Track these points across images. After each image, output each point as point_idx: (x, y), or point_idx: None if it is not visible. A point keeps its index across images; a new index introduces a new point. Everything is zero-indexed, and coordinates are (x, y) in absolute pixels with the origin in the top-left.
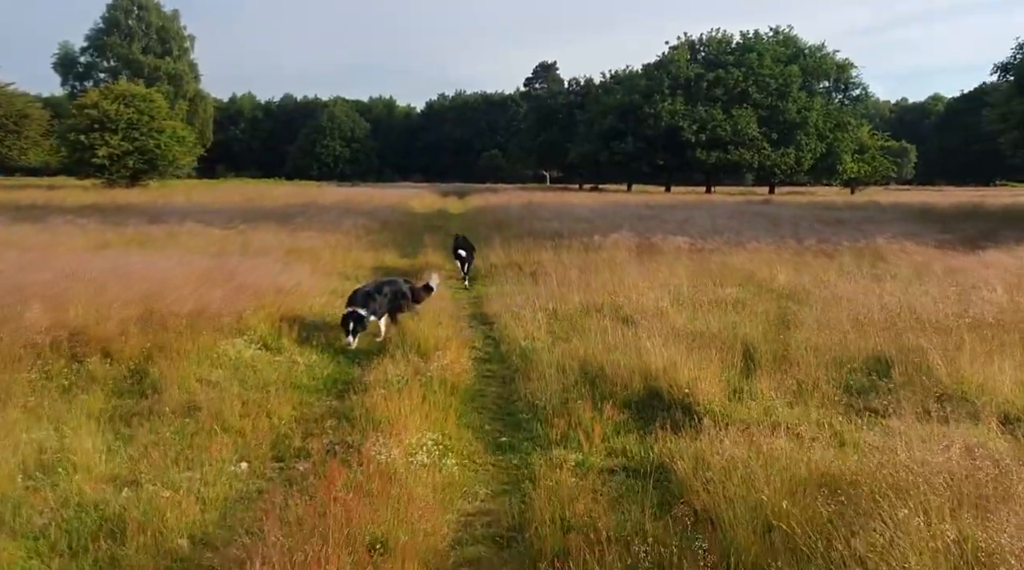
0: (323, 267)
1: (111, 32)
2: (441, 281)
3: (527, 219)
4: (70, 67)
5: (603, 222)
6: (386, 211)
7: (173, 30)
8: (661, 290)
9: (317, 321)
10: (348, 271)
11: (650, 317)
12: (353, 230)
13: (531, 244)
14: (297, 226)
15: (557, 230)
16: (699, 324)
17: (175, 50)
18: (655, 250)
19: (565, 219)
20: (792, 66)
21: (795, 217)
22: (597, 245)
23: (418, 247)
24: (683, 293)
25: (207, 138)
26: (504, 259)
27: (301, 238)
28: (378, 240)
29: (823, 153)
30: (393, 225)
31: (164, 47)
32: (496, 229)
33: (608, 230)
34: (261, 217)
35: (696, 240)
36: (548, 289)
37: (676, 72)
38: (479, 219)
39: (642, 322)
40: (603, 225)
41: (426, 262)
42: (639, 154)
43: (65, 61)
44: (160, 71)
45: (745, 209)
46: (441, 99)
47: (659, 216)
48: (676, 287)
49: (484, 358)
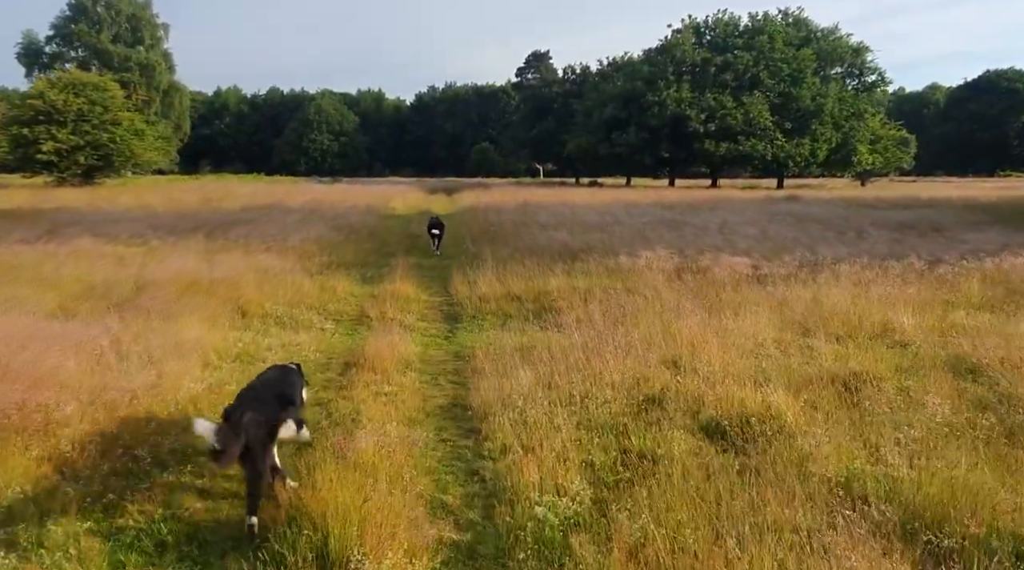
0: (235, 308)
1: (78, 20)
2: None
3: (525, 226)
4: (35, 57)
5: (621, 230)
6: (359, 214)
7: (145, 18)
8: (746, 359)
9: (178, 420)
10: (276, 311)
11: (764, 434)
12: (306, 244)
13: (533, 265)
14: (230, 240)
15: (565, 244)
16: (865, 466)
17: (147, 39)
18: (706, 277)
19: (572, 226)
20: (805, 50)
21: (845, 219)
22: (625, 269)
23: (387, 266)
24: (786, 367)
25: (184, 132)
26: (498, 289)
27: (227, 259)
28: (335, 258)
29: (838, 143)
30: (362, 234)
31: (135, 36)
32: (487, 240)
33: (633, 244)
34: (198, 226)
35: (755, 259)
36: (566, 349)
37: (681, 57)
38: (467, 225)
39: (753, 450)
40: (622, 234)
41: (393, 291)
42: (642, 146)
43: (29, 51)
44: (131, 61)
45: (778, 209)
46: (431, 92)
47: (686, 220)
48: (761, 344)
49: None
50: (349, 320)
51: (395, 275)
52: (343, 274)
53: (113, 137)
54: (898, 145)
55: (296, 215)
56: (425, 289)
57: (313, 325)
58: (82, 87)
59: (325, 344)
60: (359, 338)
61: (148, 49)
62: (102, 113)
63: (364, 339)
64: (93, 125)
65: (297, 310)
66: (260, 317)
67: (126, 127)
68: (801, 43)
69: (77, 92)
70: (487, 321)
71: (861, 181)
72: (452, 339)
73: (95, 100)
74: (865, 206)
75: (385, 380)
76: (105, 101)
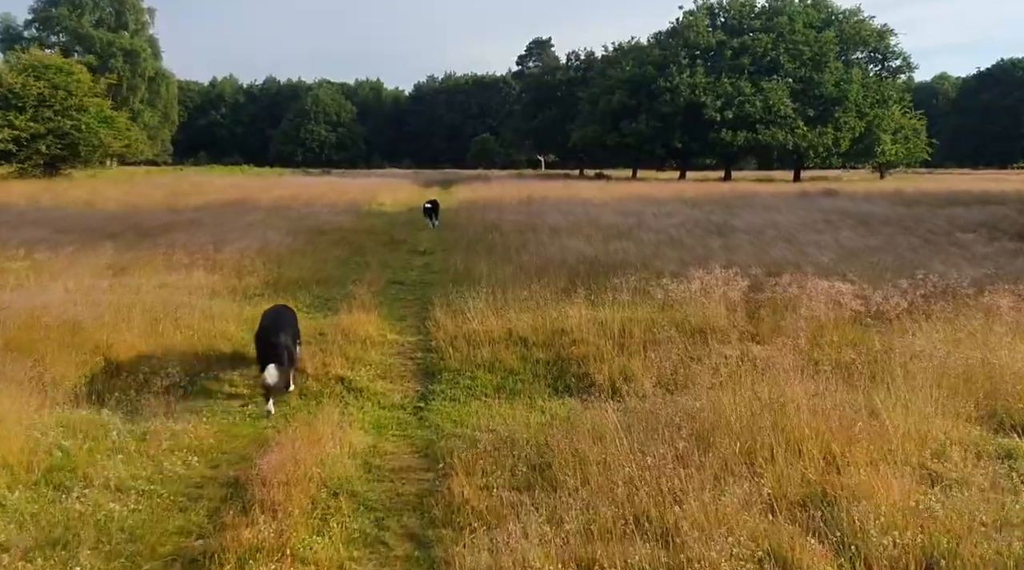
0: (97, 364)
1: (59, 3)
2: None
3: (531, 230)
4: (12, 43)
5: (650, 237)
6: (335, 213)
7: (130, 2)
8: (926, 492)
9: None
10: (161, 367)
11: None
12: (251, 254)
13: (543, 288)
14: (156, 249)
15: (583, 256)
16: None
17: (132, 24)
18: (794, 311)
19: (589, 230)
20: (827, 32)
21: (917, 220)
22: (674, 297)
23: (353, 284)
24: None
25: (173, 121)
26: (496, 324)
27: (130, 281)
28: (286, 274)
29: (862, 133)
30: (332, 238)
31: (119, 20)
32: (484, 250)
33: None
34: (127, 229)
35: (854, 283)
36: (607, 463)
37: (694, 40)
38: (460, 228)
39: None
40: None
41: (349, 327)
42: (653, 135)
43: (7, 36)
44: (114, 47)
45: (823, 206)
46: (430, 81)
47: (727, 222)
48: (940, 455)
49: None
50: None
51: (360, 299)
52: (288, 299)
53: (78, 124)
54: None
55: (258, 214)
56: (395, 322)
57: (212, 395)
58: (44, 70)
59: (210, 441)
60: (272, 423)
61: (133, 34)
62: (66, 98)
63: (278, 426)
64: (55, 111)
65: (195, 364)
66: (130, 376)
67: (93, 114)
68: (822, 25)
69: (38, 75)
70: (478, 381)
71: (880, 173)
72: (422, 419)
73: (58, 84)
74: (916, 202)
75: (279, 547)
76: (69, 85)
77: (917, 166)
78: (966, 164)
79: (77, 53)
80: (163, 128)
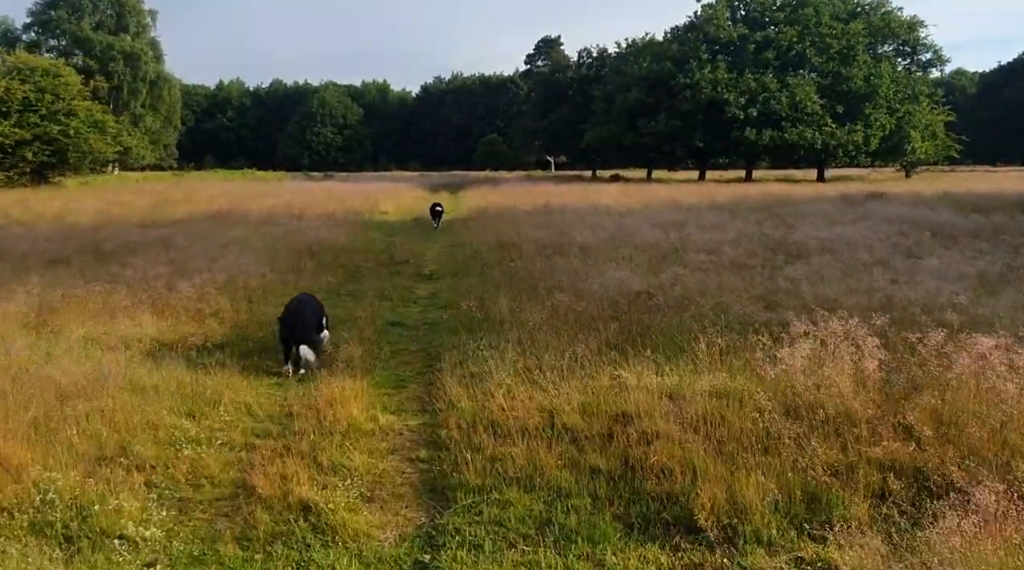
0: None
1: (57, 5)
2: None
3: (558, 251)
4: (10, 46)
5: (708, 261)
6: (330, 226)
7: (130, 4)
8: None
9: None
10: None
11: None
12: (215, 287)
13: (586, 338)
14: (99, 280)
15: (630, 288)
16: None
17: (133, 27)
18: (966, 391)
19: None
20: (854, 23)
21: (999, 230)
22: (774, 364)
23: (339, 330)
24: None
25: (175, 126)
26: (528, 402)
27: (28, 345)
28: (254, 315)
29: (892, 130)
30: (322, 260)
31: (120, 23)
32: (504, 279)
33: (750, 293)
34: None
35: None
36: None
37: (715, 33)
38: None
39: None
40: (715, 270)
41: (325, 405)
42: (673, 134)
43: (4, 39)
44: (114, 50)
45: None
46: (437, 82)
47: (790, 239)
48: None
49: None
50: (199, 508)
51: (348, 351)
52: (255, 354)
53: (66, 129)
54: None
55: (241, 229)
56: (391, 390)
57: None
58: (29, 72)
59: None
60: None
61: (134, 37)
62: (53, 102)
63: None
64: (42, 116)
65: (96, 483)
66: None
67: (83, 118)
68: (848, 17)
69: (23, 78)
70: (510, 511)
71: (905, 172)
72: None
73: (44, 87)
74: (980, 207)
75: None
76: (57, 88)
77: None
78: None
79: (76, 56)
80: (166, 132)
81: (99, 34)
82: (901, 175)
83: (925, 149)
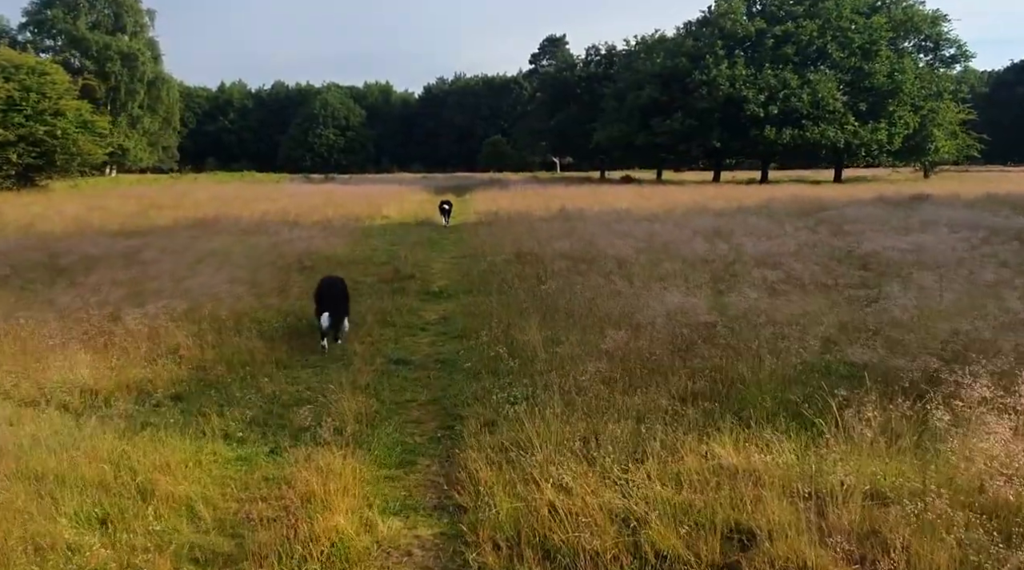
0: None
1: (53, 4)
2: None
3: (589, 265)
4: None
5: (776, 278)
6: (326, 235)
7: (128, 3)
8: None
9: None
10: None
11: None
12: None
13: (657, 397)
14: (40, 306)
15: (695, 317)
16: None
17: (130, 26)
18: None
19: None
20: (877, 17)
21: None
22: (943, 438)
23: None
24: None
25: (174, 127)
26: (591, 498)
27: None
28: (224, 355)
29: (915, 128)
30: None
31: (117, 23)
32: (532, 303)
33: (855, 323)
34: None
35: None
36: None
37: (731, 28)
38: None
39: None
40: (797, 291)
41: (310, 493)
42: (689, 133)
43: None
44: (111, 50)
45: (946, 218)
46: (440, 83)
47: (864, 249)
48: None
49: None
50: None
51: (336, 413)
52: (213, 409)
53: (53, 130)
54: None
55: (224, 239)
56: (394, 472)
57: None
58: (14, 70)
59: None
60: None
61: (131, 37)
62: (39, 101)
63: None
64: (27, 116)
65: None
66: None
67: (71, 118)
68: (869, 11)
69: (7, 76)
70: None
71: (924, 172)
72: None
73: (30, 86)
74: None
75: None
76: (43, 87)
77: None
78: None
79: (74, 57)
80: (165, 134)
81: (96, 34)
82: (919, 175)
83: (948, 148)
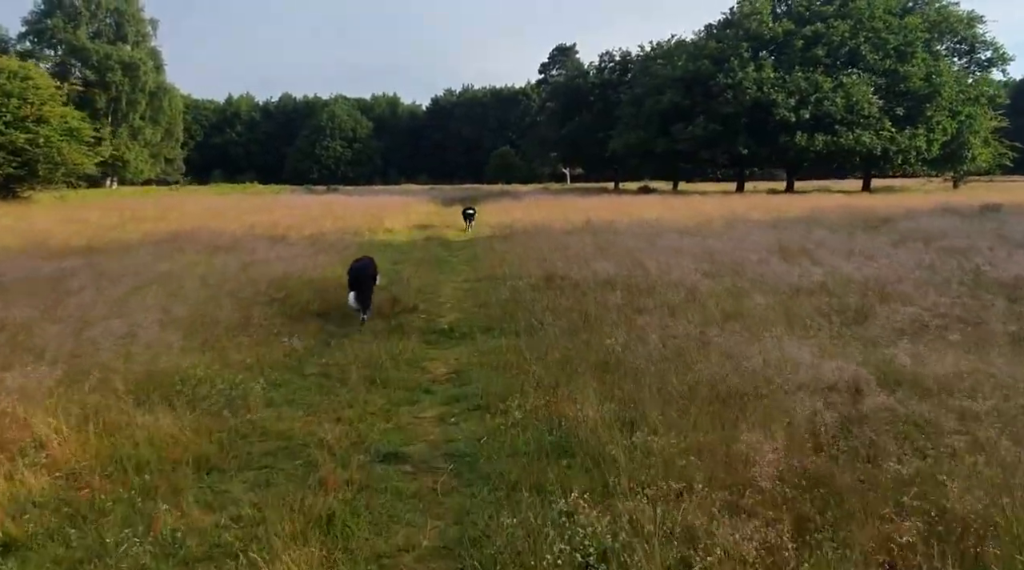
0: None
1: (53, 14)
2: None
3: (649, 297)
4: None
5: (917, 317)
6: (316, 251)
7: (130, 12)
8: None
9: None
10: None
11: None
12: (61, 391)
13: None
14: None
15: (846, 385)
16: None
17: (132, 36)
18: None
19: (772, 298)
20: (911, 17)
21: None
22: None
23: (278, 480)
24: None
25: (177, 138)
26: None
27: None
28: (122, 451)
29: (953, 135)
30: (284, 311)
31: (119, 32)
32: (575, 348)
33: None
34: None
35: None
36: None
37: (757, 29)
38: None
39: None
40: (961, 345)
41: None
42: (713, 140)
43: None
44: (112, 60)
45: None
46: (448, 95)
47: (992, 275)
48: None
49: None
50: None
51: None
52: (82, 556)
53: (35, 138)
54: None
55: (188, 257)
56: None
57: None
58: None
59: None
60: None
61: (133, 46)
62: (20, 107)
63: None
64: (6, 122)
65: None
66: None
67: (55, 125)
68: (902, 12)
69: None
70: None
71: (954, 182)
72: None
73: (10, 91)
74: None
75: None
76: (25, 92)
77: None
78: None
79: (75, 67)
80: (167, 145)
81: (97, 43)
82: (947, 186)
83: (984, 157)
